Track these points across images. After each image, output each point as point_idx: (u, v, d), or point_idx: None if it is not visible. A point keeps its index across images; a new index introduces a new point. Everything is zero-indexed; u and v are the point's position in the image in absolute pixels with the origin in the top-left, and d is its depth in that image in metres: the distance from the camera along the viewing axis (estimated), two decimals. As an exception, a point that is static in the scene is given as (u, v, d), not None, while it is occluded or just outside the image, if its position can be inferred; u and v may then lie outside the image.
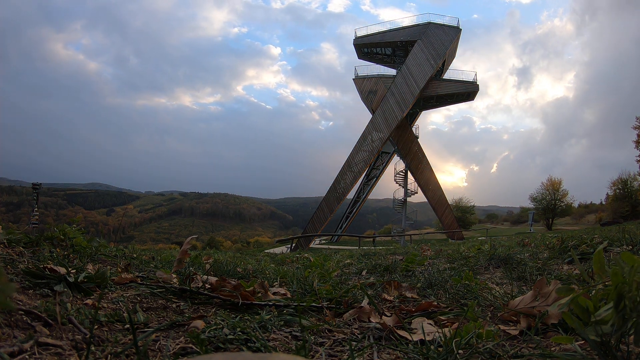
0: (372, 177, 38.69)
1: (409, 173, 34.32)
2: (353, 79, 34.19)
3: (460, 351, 0.86)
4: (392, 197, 35.57)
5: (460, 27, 32.43)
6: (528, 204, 42.96)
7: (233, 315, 1.21)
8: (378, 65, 35.52)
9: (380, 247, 8.69)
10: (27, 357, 0.73)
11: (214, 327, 1.01)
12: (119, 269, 1.77)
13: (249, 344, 0.92)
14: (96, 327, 0.97)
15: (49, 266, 1.32)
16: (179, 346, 0.90)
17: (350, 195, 35.15)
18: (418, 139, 34.25)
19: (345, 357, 0.91)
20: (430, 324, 1.13)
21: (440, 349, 0.89)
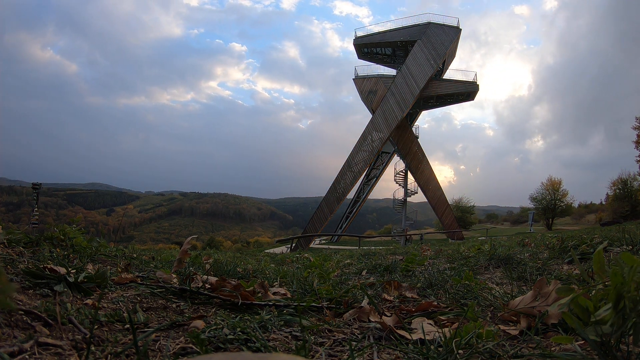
0: (372, 177, 38.68)
1: (409, 173, 34.32)
2: (353, 79, 34.21)
3: (460, 351, 0.86)
4: (392, 197, 35.60)
5: (460, 27, 32.45)
6: (528, 204, 42.99)
7: (233, 315, 1.21)
8: (378, 65, 35.54)
9: (380, 247, 8.69)
10: (27, 357, 0.73)
11: (214, 327, 1.01)
12: (119, 269, 1.77)
13: (249, 344, 0.93)
14: (96, 327, 0.97)
15: (49, 266, 1.32)
16: (179, 346, 0.90)
17: (350, 195, 35.16)
18: (418, 139, 34.26)
19: (345, 357, 0.91)
20: (430, 324, 1.13)
21: (440, 349, 0.89)
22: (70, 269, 1.37)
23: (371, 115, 32.65)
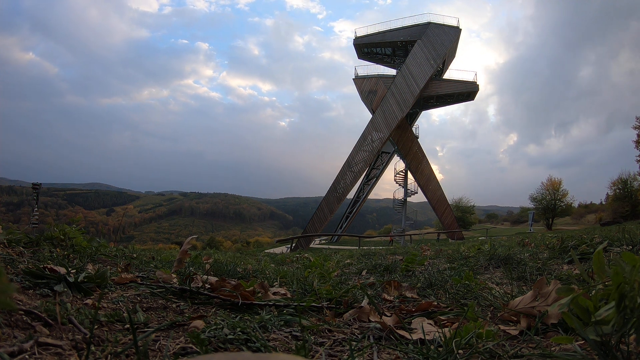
0: (372, 177, 38.69)
1: (409, 173, 34.31)
2: (353, 79, 34.20)
3: (460, 351, 0.86)
4: (392, 197, 35.59)
5: (460, 27, 32.45)
6: (528, 204, 43.02)
7: (233, 315, 1.21)
8: (378, 65, 35.53)
9: (381, 247, 8.69)
10: (27, 357, 0.73)
11: (214, 327, 1.01)
12: (119, 269, 1.77)
13: (249, 344, 0.92)
14: (96, 327, 0.97)
15: (49, 266, 1.32)
16: (179, 346, 0.90)
17: (350, 195, 35.14)
18: (418, 139, 34.26)
19: (345, 357, 0.91)
20: (430, 323, 1.13)
21: (440, 349, 0.89)
22: (70, 269, 1.37)
23: (370, 115, 32.66)
